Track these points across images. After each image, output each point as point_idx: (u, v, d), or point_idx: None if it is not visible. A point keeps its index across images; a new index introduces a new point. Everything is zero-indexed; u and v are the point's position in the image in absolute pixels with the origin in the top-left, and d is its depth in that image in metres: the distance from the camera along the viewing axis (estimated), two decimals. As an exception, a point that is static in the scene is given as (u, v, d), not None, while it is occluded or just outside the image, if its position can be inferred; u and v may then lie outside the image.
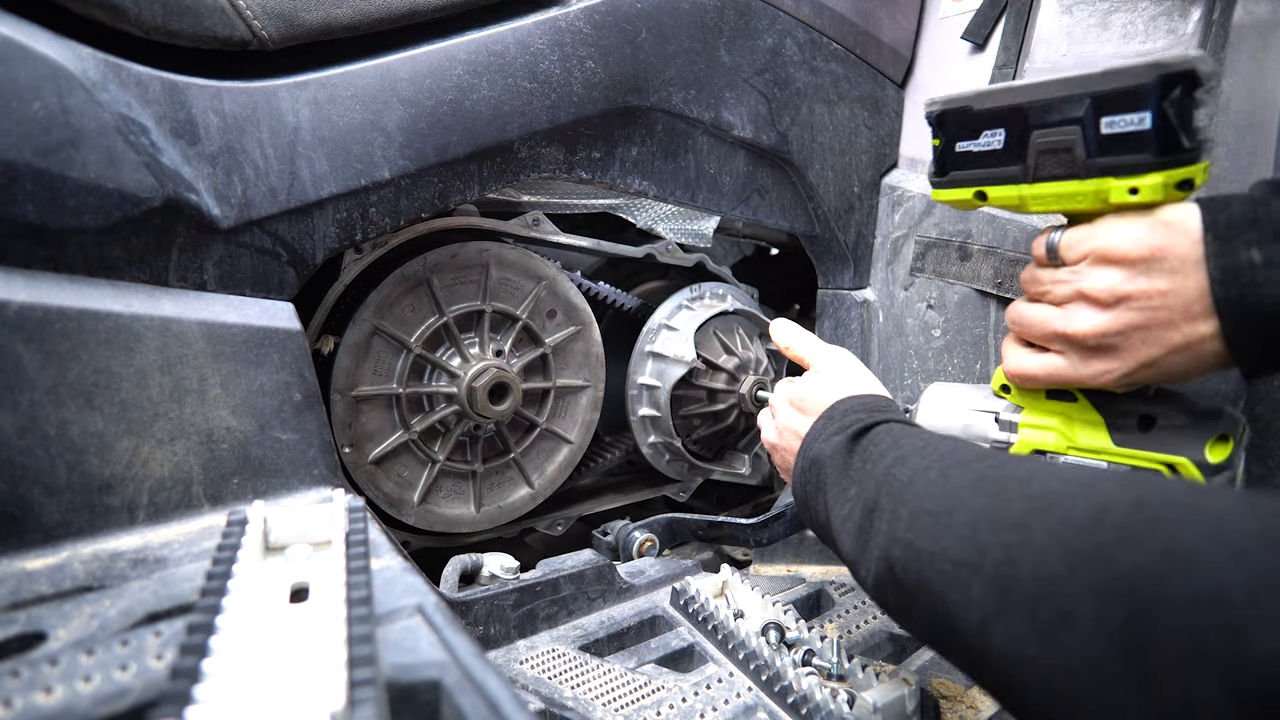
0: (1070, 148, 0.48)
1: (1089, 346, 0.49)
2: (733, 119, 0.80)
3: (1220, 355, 0.45)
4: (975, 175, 0.54)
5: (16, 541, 0.44)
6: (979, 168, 0.54)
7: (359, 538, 0.39)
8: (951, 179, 0.56)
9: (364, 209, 0.60)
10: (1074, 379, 0.51)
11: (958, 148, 0.55)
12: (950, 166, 0.56)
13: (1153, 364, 0.47)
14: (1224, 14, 0.66)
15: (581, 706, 0.55)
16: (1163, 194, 0.46)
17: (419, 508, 0.81)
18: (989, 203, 0.55)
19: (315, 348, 0.73)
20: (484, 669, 0.34)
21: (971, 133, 0.53)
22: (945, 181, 0.57)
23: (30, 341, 0.45)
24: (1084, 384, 0.51)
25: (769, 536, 0.79)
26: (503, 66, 0.65)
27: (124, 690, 0.33)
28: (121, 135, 0.48)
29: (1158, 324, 0.46)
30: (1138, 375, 0.48)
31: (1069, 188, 0.49)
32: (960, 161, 0.55)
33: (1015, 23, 0.83)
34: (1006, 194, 0.53)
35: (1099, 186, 0.48)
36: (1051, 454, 0.53)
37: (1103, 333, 0.48)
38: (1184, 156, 0.45)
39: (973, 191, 0.55)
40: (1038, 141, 0.50)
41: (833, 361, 0.62)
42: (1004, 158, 0.52)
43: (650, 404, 0.94)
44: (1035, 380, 0.54)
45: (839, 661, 0.58)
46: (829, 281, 0.99)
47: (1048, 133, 0.49)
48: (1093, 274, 0.48)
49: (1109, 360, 0.49)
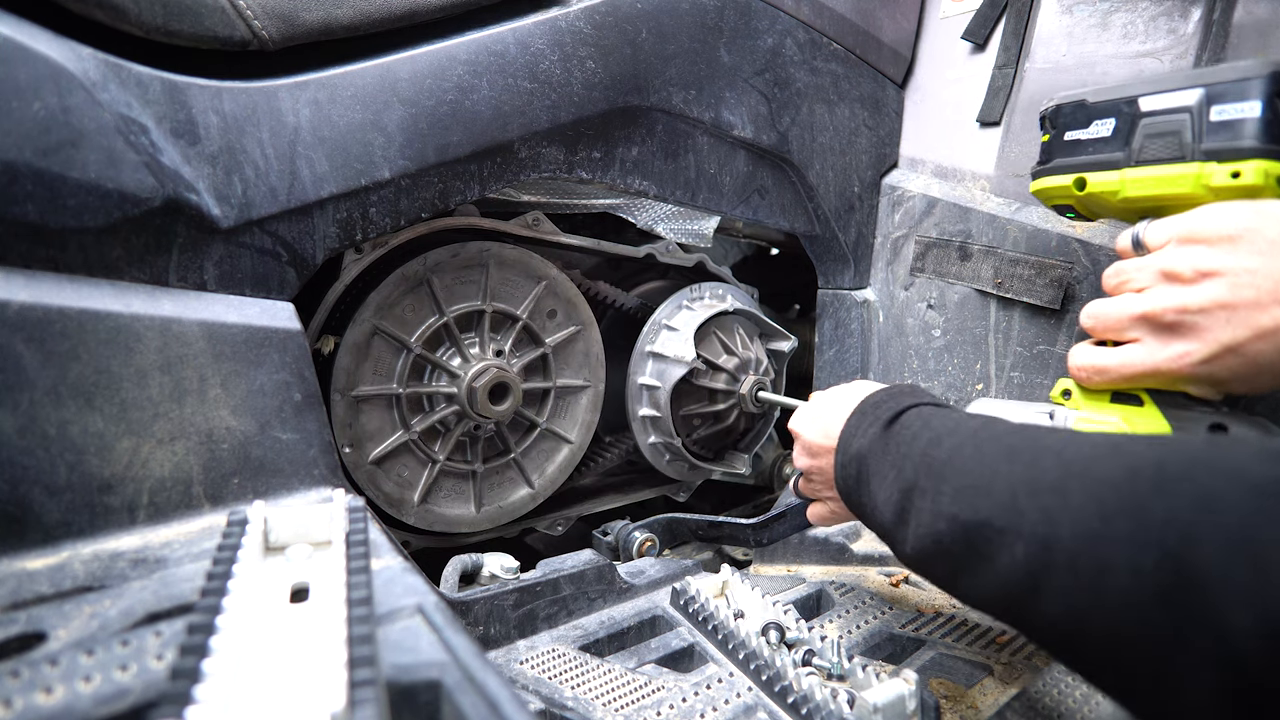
0: (1178, 131, 0.50)
1: (1167, 324, 0.47)
2: (733, 119, 0.80)
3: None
4: (1078, 162, 0.57)
5: (16, 541, 0.44)
6: (1083, 155, 0.57)
7: (359, 538, 0.39)
8: (1055, 166, 0.59)
9: (364, 209, 0.60)
10: (1149, 366, 0.49)
11: (1066, 136, 0.58)
12: (1056, 154, 0.59)
13: (1237, 349, 0.44)
14: (1224, 14, 0.66)
15: (581, 706, 0.55)
16: (1263, 180, 0.47)
17: (419, 508, 0.81)
18: (1085, 191, 0.57)
19: (315, 348, 0.73)
20: (484, 669, 0.34)
21: (1083, 123, 0.57)
22: (1048, 169, 0.59)
23: (30, 341, 0.45)
24: (1160, 371, 0.49)
25: (769, 536, 0.79)
26: (503, 66, 0.65)
27: (124, 690, 0.33)
28: (122, 135, 0.48)
29: (1244, 304, 0.43)
30: (1220, 364, 0.45)
31: (1171, 171, 0.51)
32: (1066, 149, 0.58)
33: (1015, 23, 0.83)
34: (1106, 180, 0.55)
35: (1201, 170, 0.49)
36: None
37: (1183, 308, 0.46)
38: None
39: (1073, 179, 0.57)
40: (1146, 127, 0.52)
41: (843, 385, 0.64)
42: (1110, 144, 0.55)
43: (650, 404, 0.94)
44: (1107, 372, 0.52)
45: (839, 661, 0.58)
46: (829, 281, 0.99)
47: (1157, 119, 0.52)
48: (1177, 252, 0.47)
49: (1189, 340, 0.46)
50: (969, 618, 0.70)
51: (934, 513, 0.43)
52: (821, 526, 0.70)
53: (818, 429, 0.62)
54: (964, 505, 0.41)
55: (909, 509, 0.46)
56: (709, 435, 0.98)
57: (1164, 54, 0.71)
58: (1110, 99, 0.55)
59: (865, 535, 0.87)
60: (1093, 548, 0.33)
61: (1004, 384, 0.82)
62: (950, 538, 0.42)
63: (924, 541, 0.44)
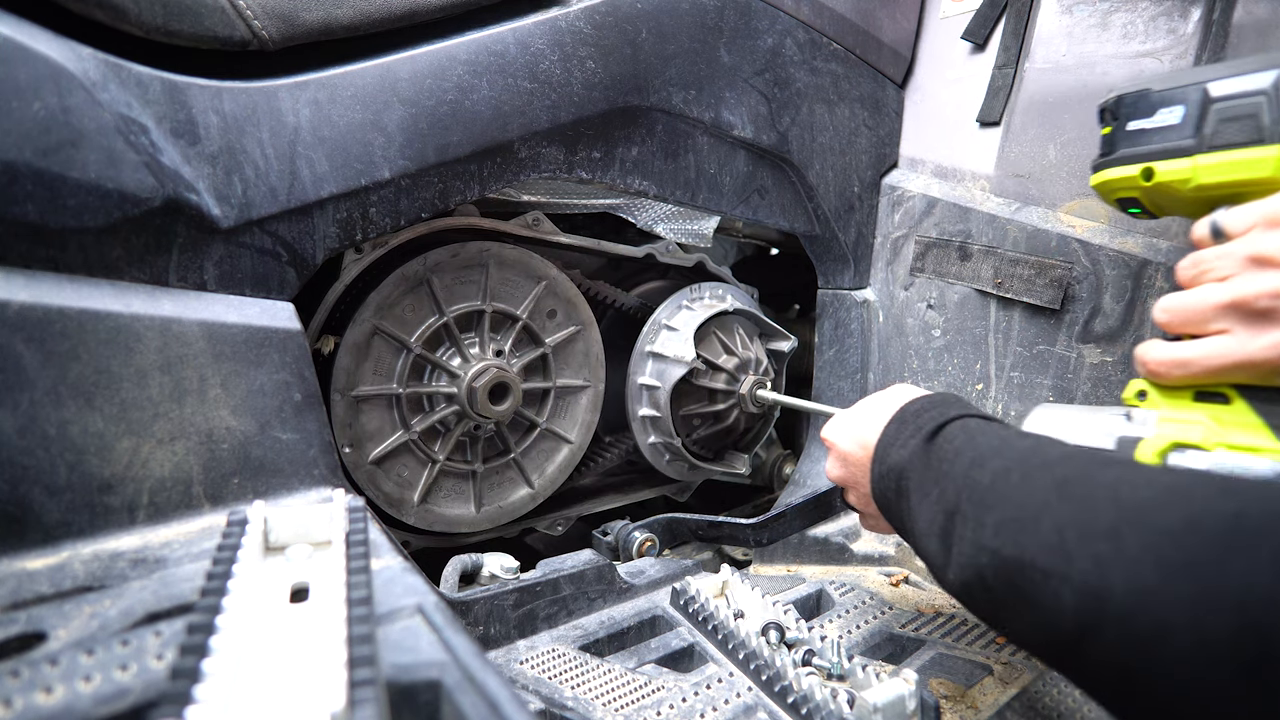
0: (1255, 114, 0.48)
1: (1260, 311, 0.44)
2: (733, 119, 0.80)
3: None
4: (1145, 151, 0.54)
5: (16, 541, 0.44)
6: (1150, 144, 0.54)
7: (359, 538, 0.39)
8: (1119, 157, 0.56)
9: (364, 209, 0.60)
10: (1241, 359, 0.45)
11: (1129, 126, 0.55)
12: (1120, 145, 0.56)
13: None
14: (1224, 14, 0.66)
15: (581, 706, 0.55)
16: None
17: (419, 508, 0.81)
18: (1154, 181, 0.54)
19: (315, 348, 0.73)
20: (484, 669, 0.34)
21: (1147, 112, 0.54)
22: (1111, 160, 0.57)
23: (30, 341, 0.45)
24: (1253, 363, 0.45)
25: (769, 536, 0.79)
26: (503, 66, 0.65)
27: (124, 690, 0.33)
28: (122, 135, 0.48)
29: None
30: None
31: (1249, 155, 0.49)
32: (1130, 139, 0.55)
33: (1015, 23, 0.83)
34: (1177, 168, 0.53)
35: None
36: (1195, 449, 0.47)
37: (1276, 293, 0.43)
38: None
39: (1140, 169, 0.55)
40: (1219, 111, 0.50)
41: (883, 391, 0.61)
42: (1179, 131, 0.52)
43: (650, 404, 0.94)
44: (1190, 365, 0.48)
45: (839, 661, 0.58)
46: (829, 281, 0.99)
47: (1231, 103, 0.50)
48: (1265, 236, 0.44)
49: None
50: (969, 618, 0.70)
51: (975, 544, 0.41)
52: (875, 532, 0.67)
53: (851, 438, 0.59)
54: (1007, 540, 0.38)
55: (951, 534, 0.43)
56: (709, 435, 0.98)
57: (1164, 54, 0.71)
58: (1177, 85, 0.53)
59: (865, 535, 0.87)
60: (1149, 604, 0.31)
61: (1004, 384, 0.82)
62: (992, 573, 0.39)
63: (966, 573, 0.41)
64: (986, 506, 0.41)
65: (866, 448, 0.57)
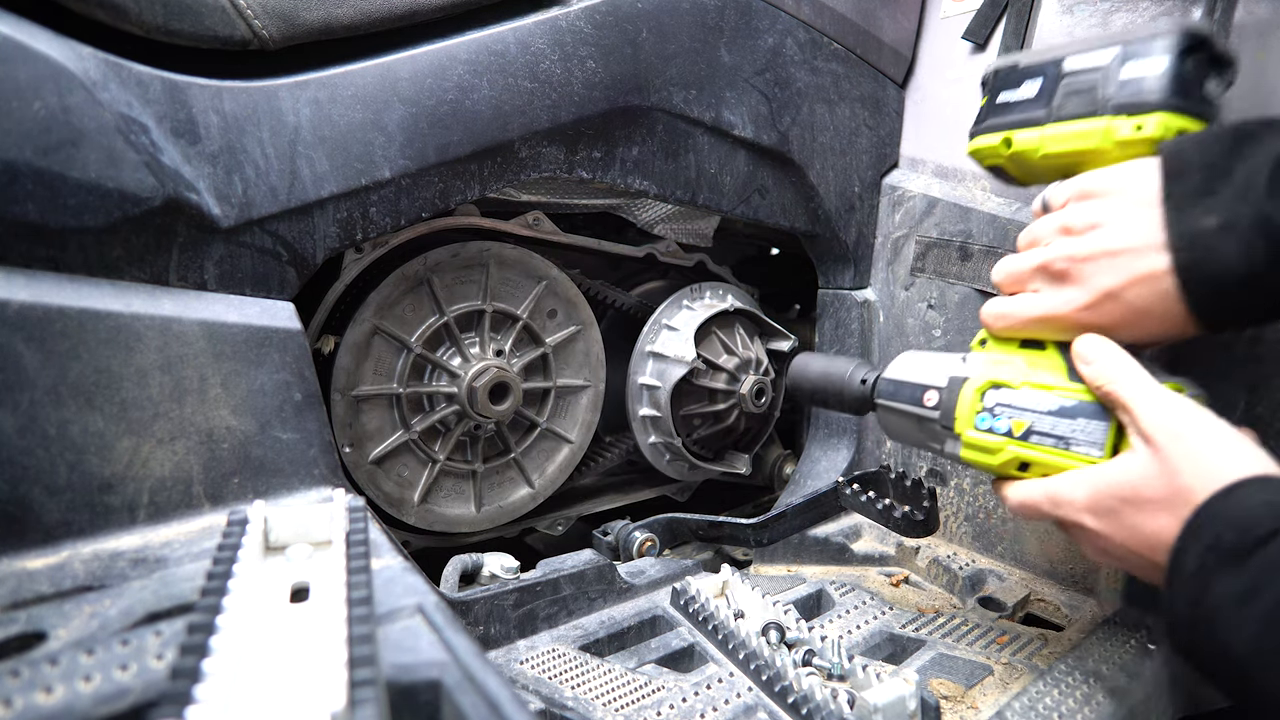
0: (1093, 88, 0.53)
1: (1058, 272, 0.51)
2: (733, 119, 0.80)
3: (1179, 299, 0.45)
4: (1006, 121, 0.59)
5: (16, 541, 0.44)
6: (1011, 115, 0.59)
7: (359, 537, 0.39)
8: (987, 126, 0.61)
9: (364, 208, 0.60)
10: (1046, 311, 0.52)
11: (998, 99, 0.60)
12: (988, 116, 0.61)
13: (1116, 294, 0.47)
14: (1224, 14, 0.66)
15: (581, 706, 0.55)
16: (1163, 133, 0.49)
17: (419, 507, 0.81)
18: (1012, 150, 0.59)
19: (316, 347, 0.73)
20: (484, 669, 0.34)
21: (1014, 84, 0.59)
22: (981, 129, 0.61)
23: (30, 341, 0.45)
24: (1056, 317, 0.51)
25: (769, 536, 0.79)
26: (503, 66, 0.65)
27: (124, 690, 0.33)
28: (122, 135, 0.48)
29: (1124, 250, 0.47)
30: (1105, 309, 0.48)
31: (1084, 126, 0.53)
32: (998, 111, 0.60)
33: (1016, 23, 0.83)
34: (1029, 137, 0.57)
35: (1109, 124, 0.52)
36: (1007, 387, 0.54)
37: (1071, 256, 0.49)
38: (1189, 107, 0.49)
39: (1002, 138, 0.59)
40: (1066, 85, 0.55)
41: (1181, 425, 0.44)
42: (1035, 103, 0.57)
43: (650, 404, 0.94)
44: (1008, 318, 0.54)
45: (839, 661, 0.58)
46: (830, 281, 0.99)
47: (1076, 78, 0.55)
48: (1073, 208, 0.51)
49: (1077, 286, 0.50)
50: (969, 618, 0.70)
51: None
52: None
53: (1121, 523, 0.45)
54: None
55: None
56: (709, 435, 0.97)
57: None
58: (1040, 60, 0.58)
59: (865, 535, 0.87)
60: None
61: (1004, 384, 0.82)
62: None
63: None
64: None
65: (1151, 548, 0.44)
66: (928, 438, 0.60)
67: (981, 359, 0.57)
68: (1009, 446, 0.52)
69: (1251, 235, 0.42)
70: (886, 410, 0.63)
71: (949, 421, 0.56)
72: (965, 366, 0.58)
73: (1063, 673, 0.60)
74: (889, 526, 0.68)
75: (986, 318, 0.57)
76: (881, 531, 0.87)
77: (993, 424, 0.53)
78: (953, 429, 0.56)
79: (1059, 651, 0.64)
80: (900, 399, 0.61)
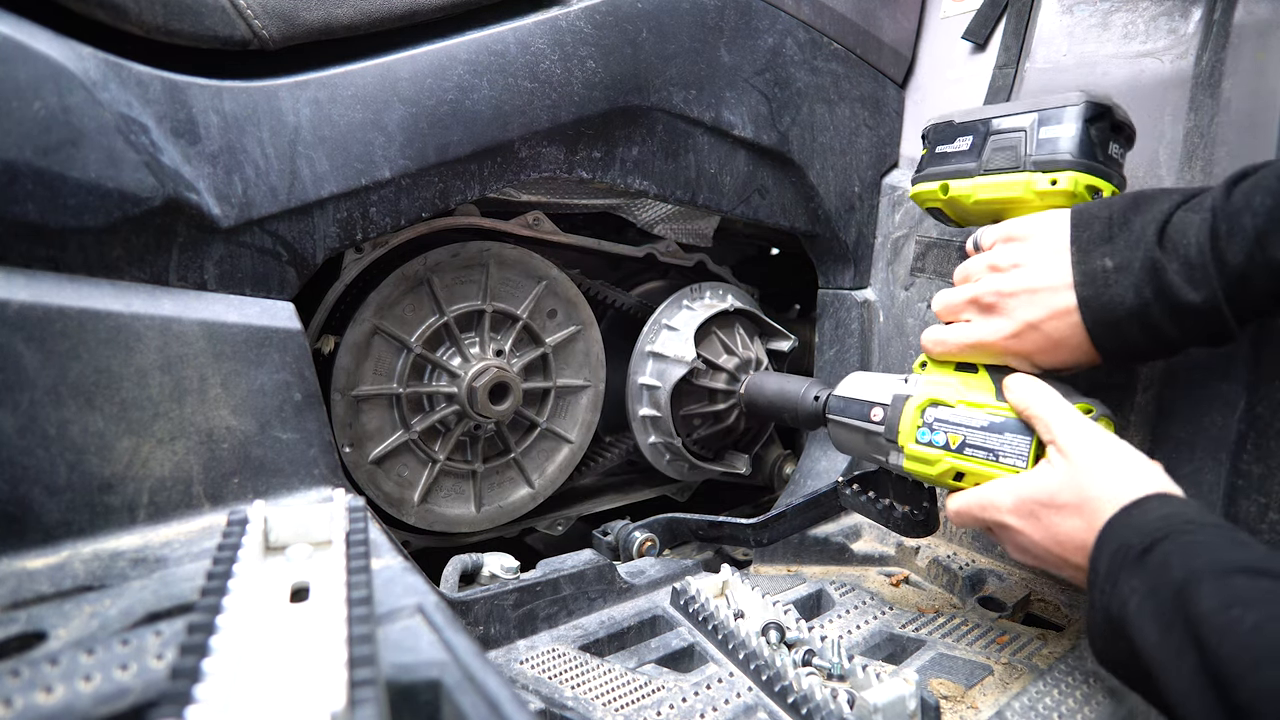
0: (1016, 146, 0.63)
1: (987, 305, 0.57)
2: (733, 119, 0.80)
3: (1084, 330, 0.52)
4: (944, 170, 0.68)
5: (17, 541, 0.44)
6: (948, 165, 0.68)
7: (359, 537, 0.39)
8: (927, 174, 0.70)
9: (364, 208, 0.60)
10: (976, 340, 0.58)
11: (937, 150, 0.70)
12: (929, 165, 0.71)
13: (1038, 325, 0.54)
14: (1224, 14, 0.66)
15: (581, 706, 0.55)
16: (1074, 187, 0.59)
17: (419, 507, 0.81)
18: (949, 195, 0.68)
19: (316, 347, 0.73)
20: (484, 669, 0.34)
21: (950, 139, 0.68)
22: (922, 176, 0.71)
23: (30, 341, 0.45)
24: (986, 344, 0.58)
25: (769, 536, 0.79)
26: (503, 66, 0.65)
27: (124, 690, 0.33)
28: (122, 135, 0.48)
29: (1043, 288, 0.53)
30: (1027, 338, 0.55)
31: (1009, 179, 0.63)
32: (936, 160, 0.70)
33: (1016, 23, 0.83)
34: (963, 185, 0.67)
35: (1030, 178, 0.61)
36: (944, 405, 0.60)
37: (998, 291, 0.56)
38: (1096, 167, 0.59)
39: (940, 185, 0.69)
40: (993, 142, 0.64)
41: (1091, 442, 0.50)
42: (968, 156, 0.67)
43: (650, 404, 0.94)
44: (946, 344, 0.61)
45: (839, 661, 0.58)
46: (829, 281, 0.99)
47: (1001, 136, 0.64)
48: (1000, 249, 0.58)
49: (1002, 319, 0.56)
50: (969, 618, 0.70)
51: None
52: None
53: (1039, 525, 0.50)
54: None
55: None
56: (709, 435, 0.97)
57: (1164, 54, 0.71)
58: (971, 120, 0.67)
59: (865, 535, 0.87)
60: None
61: (1004, 384, 0.82)
62: None
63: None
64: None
65: (1062, 551, 0.49)
66: (873, 450, 0.66)
67: (922, 380, 0.64)
68: (946, 458, 0.59)
69: (1141, 276, 0.49)
70: (836, 425, 0.70)
71: (893, 435, 0.63)
72: (907, 386, 0.64)
73: (1063, 673, 0.60)
74: (889, 526, 0.68)
75: (926, 344, 0.63)
76: (881, 531, 0.87)
77: (931, 438, 0.60)
78: (896, 442, 0.62)
79: (1059, 651, 0.64)
80: (849, 415, 0.68)
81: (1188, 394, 0.64)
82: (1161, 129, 0.69)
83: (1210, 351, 0.60)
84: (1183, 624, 0.37)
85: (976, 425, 0.57)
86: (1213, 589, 0.37)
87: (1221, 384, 0.61)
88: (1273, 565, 0.37)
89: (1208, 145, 0.66)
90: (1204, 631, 0.36)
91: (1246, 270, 0.45)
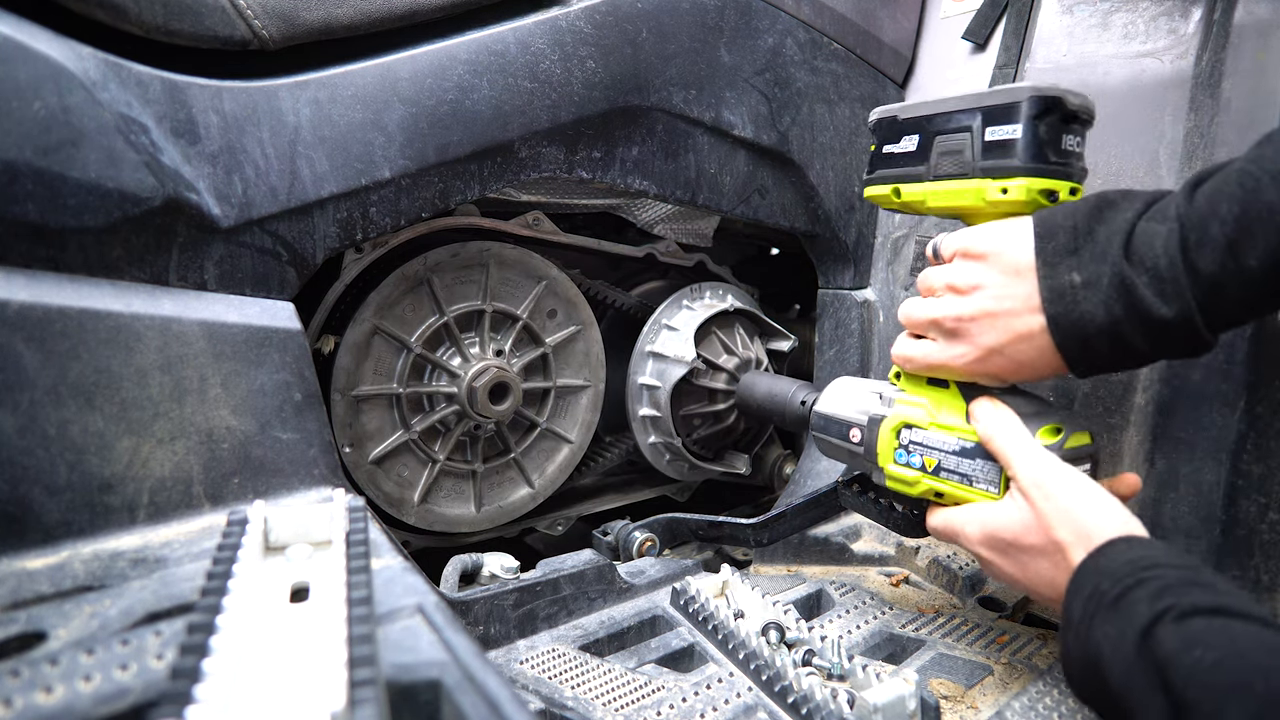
0: (962, 150, 0.57)
1: (949, 330, 0.55)
2: (733, 119, 0.80)
3: (1053, 350, 0.50)
4: (893, 174, 0.63)
5: (16, 541, 0.44)
6: (897, 167, 0.62)
7: (359, 537, 0.39)
8: (877, 176, 0.64)
9: (364, 208, 0.60)
10: (941, 361, 0.56)
11: (884, 150, 0.64)
12: (878, 165, 0.64)
13: (1001, 350, 0.52)
14: (1224, 14, 0.66)
15: (581, 706, 0.55)
16: (1027, 196, 0.53)
17: (419, 507, 0.81)
18: (902, 199, 0.62)
19: (315, 347, 0.73)
20: (484, 669, 0.34)
21: (894, 138, 0.62)
22: (873, 179, 0.65)
23: (30, 341, 0.45)
24: (950, 367, 0.56)
25: (769, 536, 0.79)
26: (503, 66, 0.65)
27: (124, 690, 0.33)
28: (122, 135, 0.48)
29: (1004, 312, 0.51)
30: (991, 362, 0.53)
31: (958, 186, 0.57)
32: (885, 161, 0.64)
33: (1016, 23, 0.83)
34: (915, 190, 0.61)
35: (980, 186, 0.55)
36: (917, 427, 0.59)
37: (958, 316, 0.54)
38: (1049, 169, 0.53)
39: (890, 189, 0.63)
40: (939, 145, 0.59)
41: (1052, 485, 0.50)
42: (914, 158, 0.60)
43: (650, 404, 0.94)
44: (913, 363, 0.59)
45: (839, 661, 0.58)
46: (829, 281, 0.99)
47: (947, 138, 0.58)
48: (958, 266, 0.55)
49: (965, 344, 0.54)
50: (969, 618, 0.70)
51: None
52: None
53: (1007, 562, 0.52)
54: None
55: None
56: (709, 435, 0.97)
57: (1164, 54, 0.71)
58: (915, 116, 0.61)
59: (865, 535, 0.87)
60: None
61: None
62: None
63: None
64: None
65: (1038, 587, 0.51)
66: (858, 466, 0.67)
67: (896, 397, 0.63)
68: (924, 479, 0.58)
69: (1110, 293, 0.47)
70: (820, 440, 0.69)
71: (872, 457, 0.62)
72: (882, 404, 0.63)
73: (1062, 673, 0.60)
74: (889, 526, 0.68)
75: (896, 359, 0.61)
76: (881, 531, 0.87)
77: (909, 459, 0.60)
78: (876, 462, 0.62)
79: (1059, 651, 0.64)
80: (830, 434, 0.67)
81: (1188, 394, 0.64)
82: (1161, 129, 0.69)
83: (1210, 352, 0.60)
84: (1152, 667, 0.39)
85: (949, 450, 0.57)
86: (1174, 631, 0.39)
87: (1221, 384, 0.61)
88: (1230, 603, 0.39)
89: (1208, 145, 0.66)
90: (1169, 674, 0.37)
91: (1219, 279, 0.45)
